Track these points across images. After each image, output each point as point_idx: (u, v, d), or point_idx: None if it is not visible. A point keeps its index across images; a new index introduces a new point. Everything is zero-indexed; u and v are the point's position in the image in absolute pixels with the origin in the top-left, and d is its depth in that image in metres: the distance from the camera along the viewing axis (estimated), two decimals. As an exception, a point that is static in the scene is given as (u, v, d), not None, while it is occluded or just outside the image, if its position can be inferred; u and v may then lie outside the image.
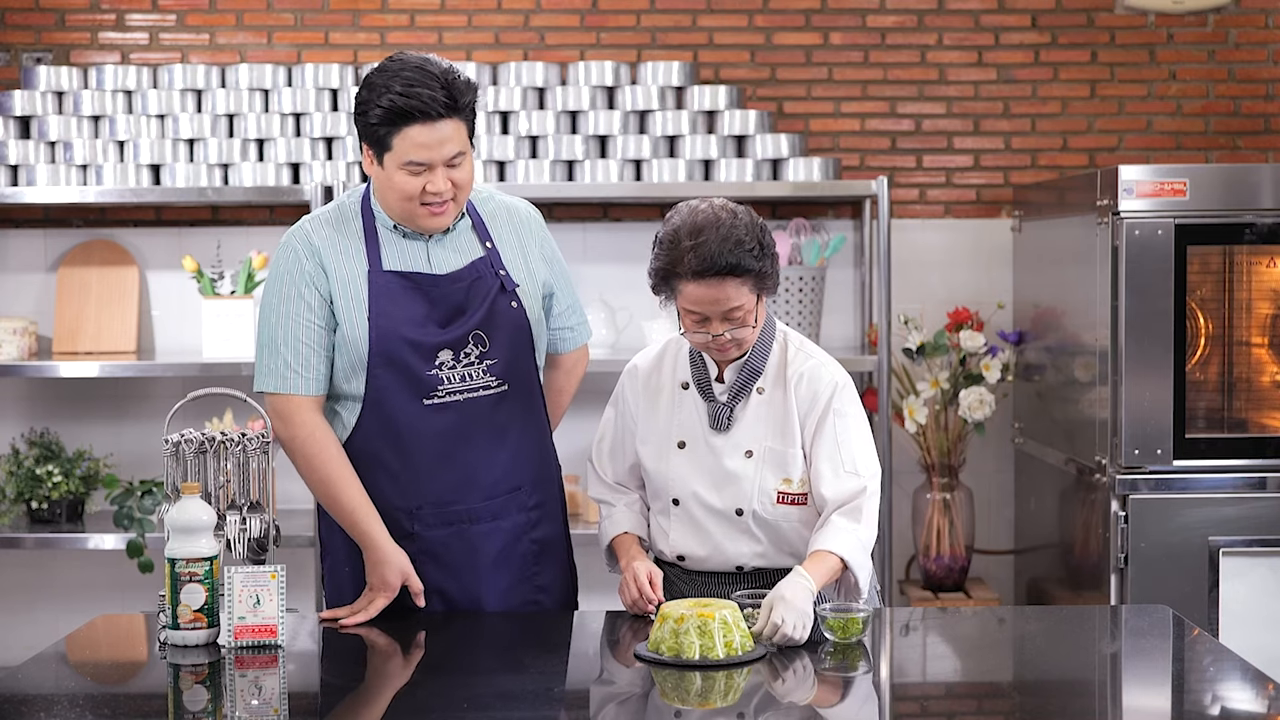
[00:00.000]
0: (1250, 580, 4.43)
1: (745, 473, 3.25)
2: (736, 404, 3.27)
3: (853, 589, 3.20)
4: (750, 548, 3.28)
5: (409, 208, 3.23)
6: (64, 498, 5.09)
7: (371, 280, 3.26)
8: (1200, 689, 2.95)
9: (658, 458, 3.32)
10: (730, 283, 3.12)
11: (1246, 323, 4.61)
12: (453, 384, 3.27)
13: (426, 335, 3.26)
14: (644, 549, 3.38)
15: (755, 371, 3.27)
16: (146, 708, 2.85)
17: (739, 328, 3.18)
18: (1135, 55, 5.46)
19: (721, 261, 3.10)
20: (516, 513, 3.37)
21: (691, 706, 2.80)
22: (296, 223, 3.36)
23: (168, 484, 3.19)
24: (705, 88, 5.19)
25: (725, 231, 3.12)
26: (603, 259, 5.32)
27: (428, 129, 3.16)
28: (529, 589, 3.40)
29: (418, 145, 3.16)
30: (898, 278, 5.28)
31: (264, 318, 3.31)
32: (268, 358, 3.28)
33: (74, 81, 5.19)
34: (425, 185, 3.19)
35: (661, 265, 3.17)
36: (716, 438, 3.27)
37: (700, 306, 3.15)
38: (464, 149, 3.22)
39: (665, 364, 3.37)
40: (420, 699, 2.79)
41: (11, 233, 5.35)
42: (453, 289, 3.29)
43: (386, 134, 3.17)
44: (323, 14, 5.39)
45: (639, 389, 3.38)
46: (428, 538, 3.30)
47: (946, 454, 5.19)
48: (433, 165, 3.19)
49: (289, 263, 3.28)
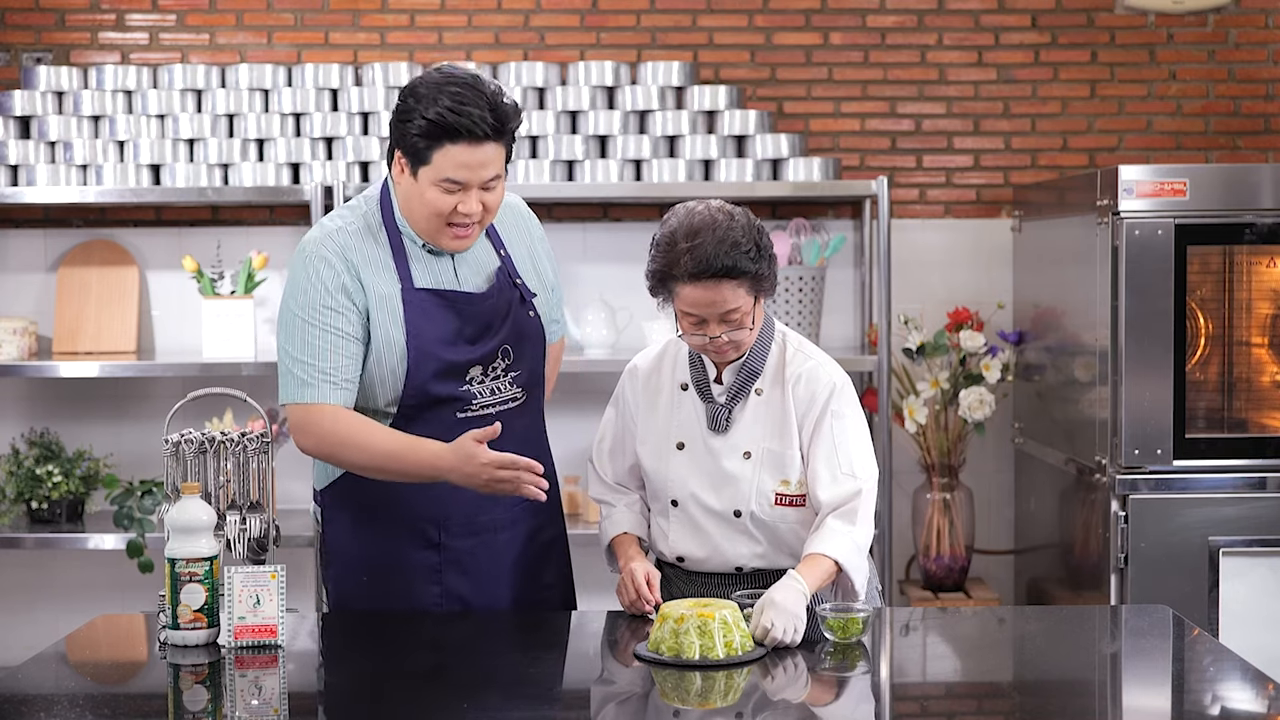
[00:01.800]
0: (1250, 580, 4.43)
1: (743, 474, 3.25)
2: (735, 405, 3.27)
3: (850, 592, 3.20)
4: (749, 549, 3.27)
5: (435, 225, 3.18)
6: (64, 498, 5.09)
7: (405, 298, 3.21)
8: (1200, 689, 2.95)
9: (656, 458, 3.32)
10: (727, 285, 3.12)
11: (1246, 323, 4.61)
12: (484, 398, 3.26)
13: (459, 353, 3.23)
14: (643, 549, 3.38)
15: (754, 373, 3.27)
16: (146, 708, 2.85)
17: (736, 330, 3.17)
18: (1135, 55, 5.46)
19: (718, 264, 3.10)
20: (531, 517, 3.38)
21: (691, 706, 2.80)
22: (318, 229, 3.25)
23: (168, 484, 3.19)
24: (705, 88, 5.19)
25: (722, 234, 3.12)
26: (603, 259, 5.32)
27: (471, 150, 3.10)
28: (534, 589, 3.41)
29: (458, 165, 3.10)
30: (898, 278, 5.28)
31: (293, 326, 3.20)
32: (300, 369, 3.18)
33: (74, 81, 5.19)
34: (457, 205, 3.14)
35: (658, 267, 3.17)
36: (715, 439, 3.27)
37: (697, 309, 3.15)
38: (500, 173, 3.16)
39: (665, 365, 3.37)
40: (420, 699, 2.78)
41: (11, 233, 5.35)
42: (484, 306, 3.27)
43: (427, 147, 3.10)
44: (323, 14, 5.39)
45: (639, 389, 3.38)
46: (454, 547, 3.29)
47: (946, 454, 5.19)
48: (469, 186, 3.13)
49: (323, 271, 3.18)
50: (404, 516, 3.27)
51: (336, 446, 3.19)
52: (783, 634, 3.00)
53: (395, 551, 3.29)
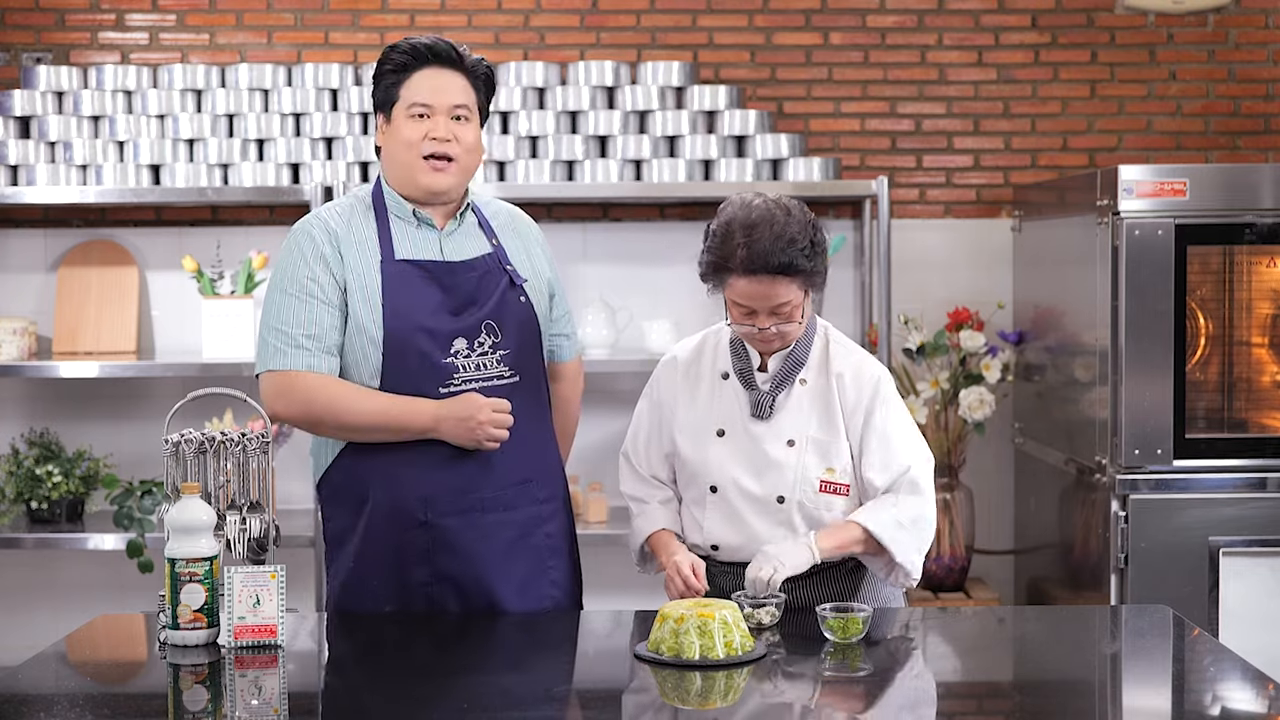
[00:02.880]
0: (1250, 580, 4.43)
1: (787, 461, 3.29)
2: (779, 393, 3.31)
3: (892, 567, 3.28)
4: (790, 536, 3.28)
5: (410, 158, 3.29)
6: (64, 498, 5.09)
7: (385, 269, 3.28)
8: (1200, 689, 2.95)
9: (696, 445, 3.35)
10: (781, 280, 3.17)
11: (1246, 323, 4.61)
12: (468, 372, 3.29)
13: (441, 323, 3.27)
14: (681, 543, 3.39)
15: (799, 362, 3.32)
16: (146, 708, 2.85)
17: (786, 322, 3.23)
18: (1135, 55, 5.46)
19: (774, 260, 3.15)
20: (528, 505, 3.38)
21: (691, 706, 2.80)
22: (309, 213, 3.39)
23: (168, 484, 3.19)
24: (705, 88, 5.19)
25: (779, 229, 3.16)
26: (603, 259, 5.32)
27: (435, 73, 3.30)
28: (544, 583, 3.41)
29: (424, 88, 3.29)
30: (898, 278, 5.28)
31: (274, 298, 3.30)
32: (276, 338, 3.27)
33: (74, 81, 5.19)
34: (428, 132, 3.27)
35: (713, 258, 3.21)
36: (757, 425, 3.31)
37: (749, 301, 3.20)
38: (470, 106, 3.32)
39: (705, 355, 3.41)
40: (420, 699, 2.78)
41: (11, 233, 5.35)
42: (466, 277, 3.32)
43: (396, 82, 3.30)
44: (323, 14, 5.39)
45: (677, 379, 3.41)
46: (440, 526, 3.30)
47: (947, 454, 5.19)
48: (436, 110, 3.28)
49: (304, 244, 3.30)
50: (392, 498, 3.29)
51: (324, 409, 3.25)
52: (759, 571, 3.12)
53: (385, 534, 3.30)
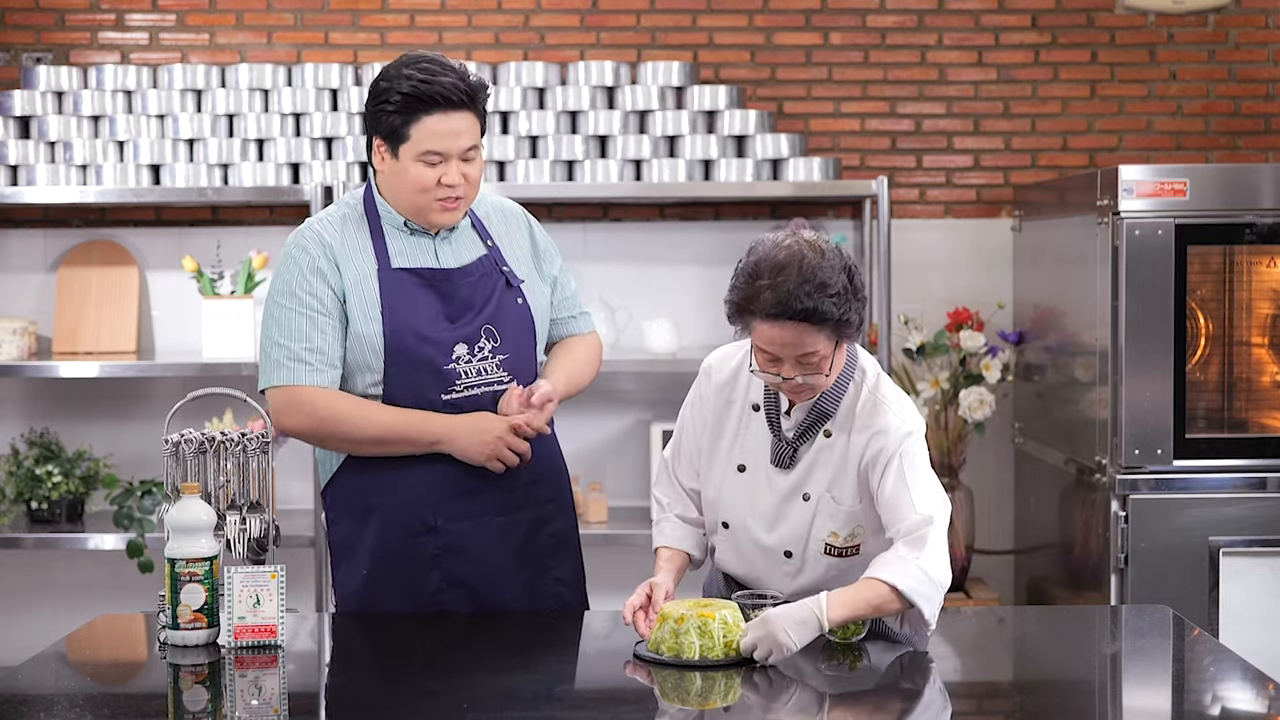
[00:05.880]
0: (1250, 580, 4.43)
1: (801, 516, 3.12)
2: (801, 444, 3.11)
3: (920, 623, 3.03)
4: (795, 584, 3.17)
5: (422, 201, 3.25)
6: (64, 498, 5.09)
7: (382, 278, 3.27)
8: (1200, 689, 2.95)
9: (716, 477, 3.21)
10: (806, 328, 2.94)
11: (1246, 323, 4.61)
12: (469, 378, 3.29)
13: (441, 330, 3.27)
14: (690, 562, 3.29)
15: (825, 414, 3.09)
16: (146, 708, 2.85)
17: (812, 374, 2.99)
18: (1135, 55, 5.46)
19: (798, 305, 2.92)
20: (533, 506, 3.38)
21: (691, 706, 2.80)
22: (301, 225, 3.35)
23: (168, 484, 3.19)
24: (705, 88, 5.19)
25: (808, 273, 2.92)
26: (603, 259, 5.31)
27: (446, 118, 3.21)
28: (550, 582, 3.42)
29: (436, 134, 3.20)
30: (898, 278, 5.28)
31: (273, 313, 3.28)
32: (278, 352, 3.25)
33: (74, 81, 5.19)
34: (440, 177, 3.23)
35: (737, 299, 2.99)
36: (777, 474, 3.14)
37: (772, 347, 2.98)
38: (477, 144, 3.27)
39: (741, 377, 3.19)
40: (420, 698, 2.78)
41: (11, 233, 5.35)
42: (463, 283, 3.31)
43: (404, 123, 3.21)
44: (323, 14, 5.39)
45: (711, 394, 3.23)
46: (450, 531, 3.30)
47: (947, 454, 5.19)
48: (449, 156, 3.23)
49: (300, 258, 3.27)
50: (399, 504, 3.29)
51: (334, 425, 3.23)
52: (760, 657, 2.89)
53: (394, 541, 3.30)
